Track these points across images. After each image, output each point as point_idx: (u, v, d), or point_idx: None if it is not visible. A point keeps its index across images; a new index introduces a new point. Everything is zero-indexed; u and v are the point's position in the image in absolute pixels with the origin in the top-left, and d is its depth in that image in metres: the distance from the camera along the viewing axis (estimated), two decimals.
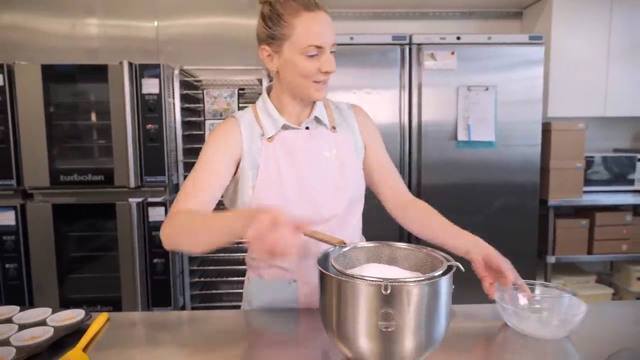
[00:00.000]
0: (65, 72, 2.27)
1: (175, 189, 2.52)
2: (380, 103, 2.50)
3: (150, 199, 2.34)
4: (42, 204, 2.32)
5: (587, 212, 2.83)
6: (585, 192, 2.81)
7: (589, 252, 2.79)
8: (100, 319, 0.97)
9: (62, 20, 2.86)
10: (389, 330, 0.68)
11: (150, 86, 2.25)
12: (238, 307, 1.20)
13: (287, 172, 1.03)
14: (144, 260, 2.35)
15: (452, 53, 2.48)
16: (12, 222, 2.28)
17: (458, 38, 2.49)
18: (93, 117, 2.33)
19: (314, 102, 1.09)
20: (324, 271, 0.75)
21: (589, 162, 2.86)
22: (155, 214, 2.32)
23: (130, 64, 2.24)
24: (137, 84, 2.27)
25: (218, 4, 2.96)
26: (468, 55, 2.49)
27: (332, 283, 0.73)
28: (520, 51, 2.52)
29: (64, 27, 2.87)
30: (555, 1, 2.76)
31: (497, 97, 2.51)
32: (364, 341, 0.71)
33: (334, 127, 1.11)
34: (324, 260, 0.83)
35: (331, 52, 0.99)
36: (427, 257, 0.83)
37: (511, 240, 2.60)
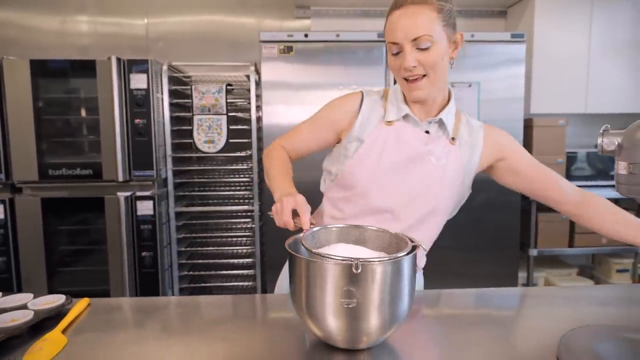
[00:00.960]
0: (53, 67, 2.30)
1: (164, 183, 2.55)
2: None
3: (138, 193, 2.37)
4: (31, 197, 2.34)
5: None
6: None
7: (570, 245, 2.86)
8: (81, 304, 1.00)
9: (52, 18, 2.88)
10: (350, 307, 0.72)
11: (138, 81, 2.28)
12: None
13: (390, 156, 1.04)
14: (132, 253, 2.38)
15: None
16: (1, 216, 2.30)
17: None
18: (82, 112, 2.36)
19: (447, 102, 1.07)
20: (293, 252, 0.79)
21: (571, 158, 2.93)
22: (143, 207, 2.35)
23: (119, 60, 2.27)
24: (125, 79, 2.30)
25: (208, 2, 3.00)
26: None
27: (301, 263, 0.77)
28: (503, 49, 2.57)
29: (54, 24, 2.89)
30: (538, 0, 2.82)
31: (480, 94, 2.57)
32: (331, 319, 0.75)
33: (453, 139, 1.08)
34: (294, 245, 0.87)
35: (421, 49, 0.95)
36: (393, 239, 0.87)
37: (494, 234, 2.66)
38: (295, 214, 0.90)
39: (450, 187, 1.09)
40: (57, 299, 0.99)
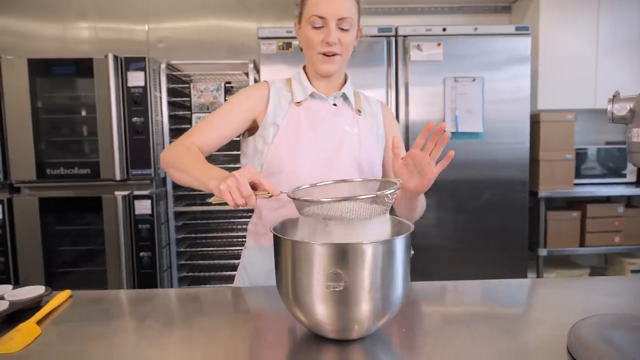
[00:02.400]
0: (51, 66, 2.28)
1: (162, 182, 2.52)
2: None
3: (136, 192, 2.34)
4: (28, 197, 2.32)
5: (578, 204, 2.81)
6: (576, 184, 2.80)
7: (582, 245, 2.76)
8: (61, 296, 0.96)
9: (53, 24, 2.88)
10: (337, 290, 0.67)
11: (135, 79, 2.26)
12: None
13: (306, 134, 1.09)
14: (130, 253, 2.34)
15: (439, 45, 2.48)
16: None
17: (444, 29, 2.50)
18: (79, 111, 2.34)
19: (344, 82, 1.17)
20: (278, 234, 0.74)
21: (581, 155, 2.85)
22: (141, 207, 2.32)
23: (116, 57, 2.25)
24: (122, 78, 2.28)
25: (208, 6, 2.99)
26: (454, 47, 2.49)
27: (286, 246, 0.72)
28: (507, 42, 2.51)
29: (55, 29, 2.89)
30: None
31: (484, 89, 2.50)
32: (319, 306, 0.70)
33: (359, 111, 1.18)
34: (281, 230, 0.82)
35: (342, 29, 1.05)
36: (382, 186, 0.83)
37: (502, 233, 2.58)
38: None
39: (370, 152, 1.14)
40: (37, 290, 0.95)
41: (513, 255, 2.61)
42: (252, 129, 1.13)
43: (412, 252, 0.76)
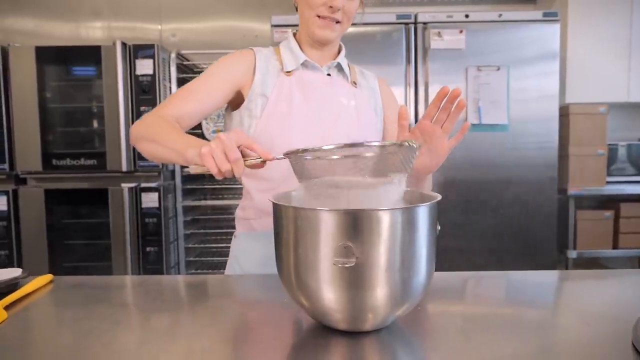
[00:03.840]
0: (59, 53, 2.23)
1: (171, 175, 2.43)
2: None
3: (143, 184, 2.26)
4: (34, 189, 2.26)
5: (611, 203, 2.63)
6: (608, 182, 2.61)
7: (614, 247, 2.57)
8: (40, 280, 0.86)
9: (67, 22, 2.85)
10: (347, 267, 0.54)
11: (144, 67, 2.19)
12: None
13: (299, 106, 0.97)
14: (136, 248, 2.26)
15: (460, 32, 2.34)
16: (4, 208, 2.23)
17: (466, 16, 2.36)
18: (86, 100, 2.28)
19: (339, 52, 1.06)
20: (277, 202, 0.62)
21: (613, 151, 2.66)
22: (148, 199, 2.24)
23: (124, 44, 2.19)
24: (130, 66, 2.21)
25: (222, 7, 2.92)
26: (477, 35, 2.35)
27: (287, 215, 0.60)
28: (534, 30, 2.36)
29: (69, 28, 2.85)
30: None
31: (509, 78, 2.35)
32: (326, 288, 0.58)
33: (354, 83, 1.07)
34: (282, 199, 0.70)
35: None
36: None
37: (528, 233, 2.41)
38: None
39: (368, 125, 1.04)
40: (12, 273, 0.85)
41: (540, 257, 2.43)
42: (236, 102, 1.00)
43: (439, 227, 0.64)
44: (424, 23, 2.36)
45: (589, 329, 0.64)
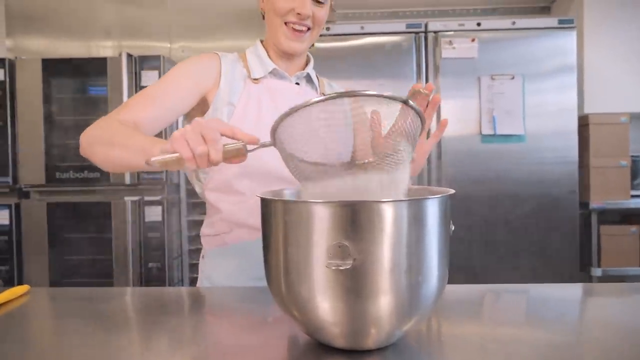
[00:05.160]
0: (65, 65, 2.22)
1: (176, 189, 2.38)
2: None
3: (147, 198, 2.20)
4: (37, 202, 2.22)
5: (636, 217, 2.48)
6: (633, 196, 2.47)
7: None
8: (15, 290, 0.79)
9: (79, 42, 2.86)
10: (343, 269, 0.46)
11: (149, 79, 2.16)
12: None
13: (268, 115, 0.90)
14: (138, 264, 2.19)
15: (473, 40, 2.27)
16: (6, 222, 2.18)
17: (478, 24, 2.30)
18: (92, 112, 2.25)
19: (307, 63, 1.01)
20: (268, 197, 0.54)
21: (636, 163, 2.53)
22: (151, 213, 2.17)
23: (130, 56, 2.17)
24: (136, 77, 2.19)
25: (231, 27, 2.91)
26: (490, 44, 2.28)
27: (276, 210, 0.52)
28: (550, 37, 2.28)
29: (80, 49, 2.86)
30: None
31: (525, 87, 2.27)
32: (320, 297, 0.49)
33: (323, 94, 0.99)
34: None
35: (318, 1, 0.90)
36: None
37: (548, 250, 2.28)
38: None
39: None
40: None
41: (562, 276, 2.29)
42: (199, 109, 0.92)
43: (452, 227, 0.55)
44: (435, 32, 2.30)
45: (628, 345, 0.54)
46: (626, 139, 2.40)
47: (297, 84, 0.99)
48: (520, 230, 2.29)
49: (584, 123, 2.42)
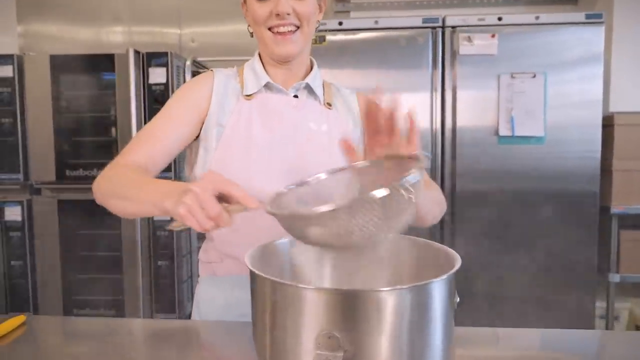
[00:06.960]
0: (73, 62, 2.19)
1: None
2: (408, 99, 2.22)
3: None
4: (48, 199, 2.23)
5: None
6: None
7: None
8: (11, 322, 0.78)
9: (88, 28, 2.84)
10: None
11: (157, 75, 2.12)
12: None
13: (260, 134, 0.87)
14: (148, 262, 2.19)
15: (492, 36, 2.16)
16: (18, 218, 2.20)
17: (499, 19, 2.18)
18: (100, 109, 2.23)
19: (309, 71, 0.96)
20: (255, 271, 0.50)
21: None
22: None
23: (137, 52, 2.13)
24: (144, 73, 2.15)
25: (241, 12, 2.83)
26: (511, 39, 2.17)
27: (264, 287, 0.48)
28: (576, 33, 2.16)
29: (89, 34, 2.84)
30: None
31: (547, 86, 2.16)
32: None
33: (328, 104, 0.95)
34: (260, 258, 0.58)
35: None
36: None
37: (565, 255, 2.20)
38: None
39: (341, 153, 0.86)
40: None
41: (578, 281, 2.22)
42: (198, 130, 0.90)
43: (457, 299, 0.50)
44: (453, 27, 2.20)
45: None
46: None
47: (296, 96, 0.93)
48: (537, 234, 2.22)
49: (608, 124, 2.31)
